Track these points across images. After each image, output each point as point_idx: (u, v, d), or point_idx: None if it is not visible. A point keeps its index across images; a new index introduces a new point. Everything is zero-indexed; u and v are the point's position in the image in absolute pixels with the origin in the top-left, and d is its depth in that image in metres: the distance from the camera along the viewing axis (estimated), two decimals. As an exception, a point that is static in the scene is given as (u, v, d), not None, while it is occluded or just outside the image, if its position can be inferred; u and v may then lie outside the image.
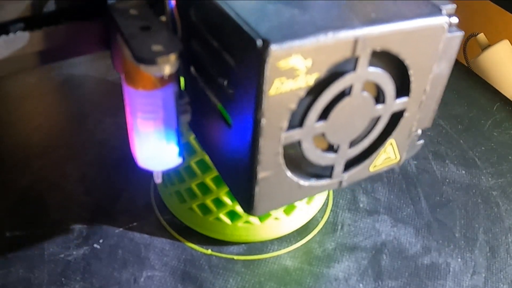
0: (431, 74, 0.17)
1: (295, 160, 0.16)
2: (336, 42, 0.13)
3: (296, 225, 0.31)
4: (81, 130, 0.40)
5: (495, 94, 0.47)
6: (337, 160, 0.17)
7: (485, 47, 0.53)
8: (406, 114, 0.17)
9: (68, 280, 0.28)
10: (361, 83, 0.15)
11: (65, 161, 0.36)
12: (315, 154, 0.16)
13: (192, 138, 0.25)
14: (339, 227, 0.33)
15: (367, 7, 0.15)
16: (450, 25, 0.16)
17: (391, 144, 0.18)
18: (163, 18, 0.17)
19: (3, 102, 0.42)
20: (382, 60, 0.15)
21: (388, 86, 0.16)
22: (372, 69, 0.15)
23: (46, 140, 0.38)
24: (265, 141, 0.14)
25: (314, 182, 0.17)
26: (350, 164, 0.18)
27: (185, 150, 0.26)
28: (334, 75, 0.15)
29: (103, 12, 0.18)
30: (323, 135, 0.16)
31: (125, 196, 0.34)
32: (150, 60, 0.14)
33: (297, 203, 0.29)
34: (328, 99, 0.15)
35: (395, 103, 0.17)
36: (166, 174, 0.29)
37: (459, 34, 0.17)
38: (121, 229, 0.31)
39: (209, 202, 0.28)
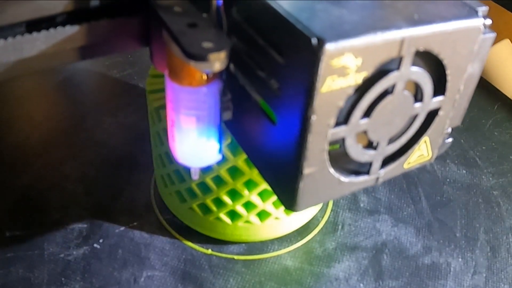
0: (466, 73, 0.17)
1: (336, 157, 0.17)
2: (385, 42, 0.14)
3: (296, 224, 0.31)
4: (81, 129, 0.39)
5: (496, 94, 0.47)
6: (376, 157, 0.18)
7: (486, 47, 0.52)
8: (441, 113, 0.18)
9: (68, 280, 0.28)
10: (403, 82, 0.16)
11: (65, 160, 0.36)
12: (356, 151, 0.17)
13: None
14: (340, 226, 0.33)
15: (409, 7, 0.15)
16: (485, 26, 0.17)
17: (425, 141, 0.18)
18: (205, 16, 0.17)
19: (2, 102, 0.42)
20: (421, 59, 0.16)
21: (427, 85, 0.17)
22: (414, 68, 0.16)
23: (46, 139, 0.38)
24: (313, 137, 0.15)
25: (353, 179, 0.18)
26: (387, 161, 0.18)
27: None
28: (379, 74, 0.15)
29: (144, 9, 0.18)
30: (365, 132, 0.16)
31: (125, 196, 0.34)
32: (201, 56, 0.15)
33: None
34: (373, 97, 0.16)
35: (432, 102, 0.17)
36: (166, 174, 0.29)
37: (491, 36, 0.17)
38: (121, 228, 0.31)
39: (209, 202, 0.28)
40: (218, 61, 0.15)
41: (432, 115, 0.18)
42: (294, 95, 0.15)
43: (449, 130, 0.20)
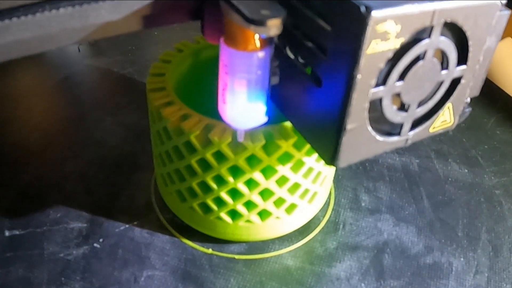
0: (485, 46, 0.20)
1: (373, 118, 0.19)
2: (420, 12, 0.17)
3: (297, 224, 0.31)
4: (81, 128, 0.39)
5: (498, 92, 0.46)
6: (407, 118, 0.20)
7: (487, 45, 0.52)
8: (463, 81, 0.20)
9: (68, 280, 0.28)
10: (433, 50, 0.18)
11: (65, 160, 0.36)
12: (391, 111, 0.19)
13: (193, 136, 0.25)
14: (341, 226, 0.33)
15: None
16: (502, 4, 0.19)
17: (448, 107, 0.21)
18: None
19: (2, 101, 0.42)
20: (448, 31, 0.18)
21: (452, 54, 0.19)
22: (442, 38, 0.18)
23: (46, 138, 0.38)
24: (357, 95, 0.17)
25: (386, 138, 0.20)
26: (415, 124, 0.20)
27: (186, 149, 0.26)
28: (413, 41, 0.17)
29: None
30: (398, 95, 0.19)
31: (125, 195, 0.34)
32: (260, 22, 0.17)
33: (298, 202, 0.28)
34: (408, 61, 0.18)
35: (456, 70, 0.19)
36: (167, 173, 0.29)
37: (507, 13, 0.20)
38: (121, 228, 0.31)
39: (209, 201, 0.28)
40: (274, 27, 0.17)
41: (455, 83, 0.20)
42: (342, 58, 0.17)
43: (468, 100, 0.22)
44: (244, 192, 0.27)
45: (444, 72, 0.19)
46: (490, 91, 0.47)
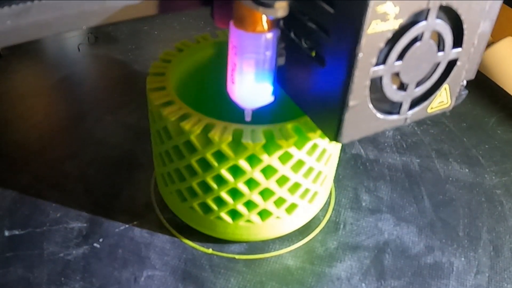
0: (479, 29, 0.20)
1: (373, 96, 0.20)
2: None
3: (297, 224, 0.30)
4: (80, 128, 0.39)
5: (499, 92, 0.46)
6: (406, 98, 0.21)
7: (489, 44, 0.52)
8: (458, 63, 0.21)
9: (67, 280, 0.28)
10: (430, 31, 0.19)
11: (65, 159, 0.36)
12: (391, 90, 0.20)
13: (193, 136, 0.25)
14: (341, 226, 0.33)
15: None
16: None
17: (445, 88, 0.22)
18: None
19: (1, 100, 0.42)
20: (444, 14, 0.19)
21: (448, 36, 0.20)
22: (438, 20, 0.19)
23: (45, 138, 0.38)
24: (359, 72, 0.18)
25: (387, 117, 0.21)
26: (414, 104, 0.21)
27: (186, 148, 0.26)
28: (411, 23, 0.18)
29: None
30: (397, 74, 0.20)
31: (125, 195, 0.34)
32: (268, 4, 0.19)
33: (299, 202, 0.28)
34: (406, 42, 0.19)
35: (451, 52, 0.20)
36: (167, 173, 0.29)
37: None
38: (121, 228, 0.31)
39: (210, 201, 0.28)
40: (281, 8, 0.19)
41: (451, 65, 0.21)
42: (344, 38, 0.18)
43: (464, 82, 0.23)
44: (245, 192, 0.27)
45: (440, 53, 0.20)
46: (491, 90, 0.47)
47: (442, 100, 0.22)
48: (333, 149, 0.28)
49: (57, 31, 0.18)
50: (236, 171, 0.26)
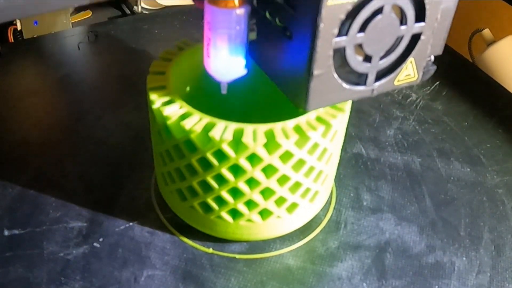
0: (442, 5, 0.21)
1: (340, 69, 0.21)
2: None
3: (298, 223, 0.30)
4: (80, 127, 0.39)
5: (501, 91, 0.46)
6: (371, 69, 0.22)
7: (490, 43, 0.52)
8: (422, 37, 0.22)
9: (67, 279, 0.28)
10: (390, 5, 0.20)
11: (65, 158, 0.36)
12: (355, 61, 0.21)
13: (193, 135, 0.25)
14: (342, 225, 0.32)
15: None
16: None
17: (411, 62, 0.22)
18: None
19: (1, 99, 0.42)
20: None
21: (410, 11, 0.21)
22: None
23: (45, 137, 0.38)
24: (321, 42, 0.19)
25: (353, 87, 0.22)
26: (380, 76, 0.22)
27: (187, 148, 0.26)
28: None
29: None
30: (361, 46, 0.20)
31: (125, 194, 0.33)
32: None
33: (299, 201, 0.28)
34: (367, 14, 0.20)
35: (414, 26, 0.21)
36: (167, 172, 0.29)
37: None
38: (121, 227, 0.31)
39: (210, 200, 0.28)
40: None
41: (415, 39, 0.22)
42: (307, 11, 0.19)
43: (432, 58, 0.23)
44: (245, 191, 0.26)
45: (403, 27, 0.21)
46: (492, 89, 0.47)
47: (409, 74, 0.23)
48: (334, 148, 0.28)
49: (45, 10, 0.18)
50: (236, 170, 0.26)
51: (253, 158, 0.25)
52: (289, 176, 0.26)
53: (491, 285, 0.29)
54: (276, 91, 0.34)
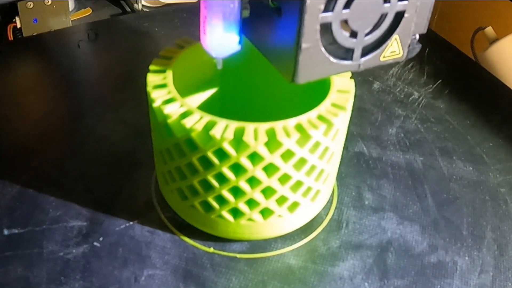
0: None
1: (327, 46, 0.22)
2: None
3: (300, 222, 0.30)
4: (80, 125, 0.39)
5: (503, 89, 0.46)
6: (357, 44, 0.23)
7: (493, 41, 0.52)
8: (406, 15, 0.23)
9: (67, 279, 0.28)
10: None
11: (64, 157, 0.36)
12: (341, 36, 0.22)
13: (194, 134, 0.25)
14: (344, 224, 0.32)
15: None
16: None
17: (396, 39, 0.23)
18: None
19: (1, 98, 0.42)
20: None
21: None
22: None
23: (45, 136, 0.38)
24: (308, 17, 0.20)
25: (340, 61, 0.23)
26: (366, 52, 0.23)
27: (187, 146, 0.26)
28: None
29: None
30: (346, 22, 0.22)
31: (126, 193, 0.33)
32: None
33: (301, 200, 0.28)
34: None
35: (398, 4, 0.22)
36: (168, 171, 0.29)
37: None
38: (121, 226, 0.31)
39: (211, 199, 0.27)
40: None
41: (399, 16, 0.23)
42: None
43: (417, 36, 0.24)
44: (246, 190, 0.26)
45: (387, 5, 0.22)
46: (495, 88, 0.46)
47: (394, 50, 0.24)
48: (336, 147, 0.28)
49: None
50: (237, 169, 0.26)
51: (254, 157, 0.25)
52: (290, 175, 0.26)
53: (494, 284, 0.29)
54: (277, 89, 0.34)
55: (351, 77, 0.29)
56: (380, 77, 0.46)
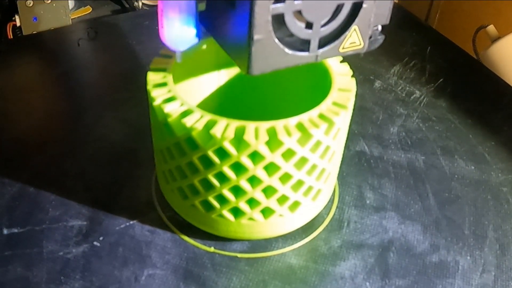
0: None
1: (284, 37, 0.22)
2: None
3: (301, 222, 0.30)
4: (80, 125, 0.39)
5: (506, 88, 0.46)
6: (313, 35, 0.22)
7: (495, 39, 0.51)
8: (364, 5, 0.23)
9: (67, 279, 0.28)
10: None
11: (64, 156, 0.36)
12: (295, 27, 0.22)
13: (194, 133, 0.25)
14: (345, 224, 0.32)
15: None
16: None
17: (355, 30, 0.23)
18: None
19: (1, 96, 0.42)
20: None
21: None
22: None
23: (45, 135, 0.38)
24: (259, 9, 0.20)
25: (296, 53, 0.23)
26: (324, 43, 0.23)
27: (188, 145, 0.26)
28: None
29: None
30: (300, 12, 0.21)
31: (126, 193, 0.33)
32: None
33: (302, 200, 0.28)
34: None
35: None
36: (168, 170, 0.29)
37: None
38: (121, 226, 0.31)
39: (211, 199, 0.27)
40: None
41: (358, 7, 0.23)
42: None
43: (379, 28, 0.24)
44: (247, 189, 0.26)
45: None
46: (497, 86, 0.46)
47: (354, 41, 0.24)
48: (337, 146, 0.28)
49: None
50: (238, 168, 0.26)
51: (255, 156, 0.25)
52: (291, 174, 0.26)
53: (496, 284, 0.29)
54: (278, 88, 0.34)
55: (352, 76, 0.29)
56: (381, 76, 0.46)
